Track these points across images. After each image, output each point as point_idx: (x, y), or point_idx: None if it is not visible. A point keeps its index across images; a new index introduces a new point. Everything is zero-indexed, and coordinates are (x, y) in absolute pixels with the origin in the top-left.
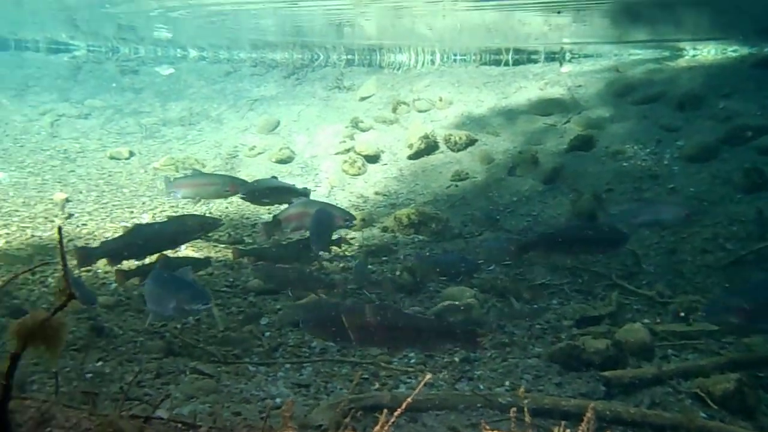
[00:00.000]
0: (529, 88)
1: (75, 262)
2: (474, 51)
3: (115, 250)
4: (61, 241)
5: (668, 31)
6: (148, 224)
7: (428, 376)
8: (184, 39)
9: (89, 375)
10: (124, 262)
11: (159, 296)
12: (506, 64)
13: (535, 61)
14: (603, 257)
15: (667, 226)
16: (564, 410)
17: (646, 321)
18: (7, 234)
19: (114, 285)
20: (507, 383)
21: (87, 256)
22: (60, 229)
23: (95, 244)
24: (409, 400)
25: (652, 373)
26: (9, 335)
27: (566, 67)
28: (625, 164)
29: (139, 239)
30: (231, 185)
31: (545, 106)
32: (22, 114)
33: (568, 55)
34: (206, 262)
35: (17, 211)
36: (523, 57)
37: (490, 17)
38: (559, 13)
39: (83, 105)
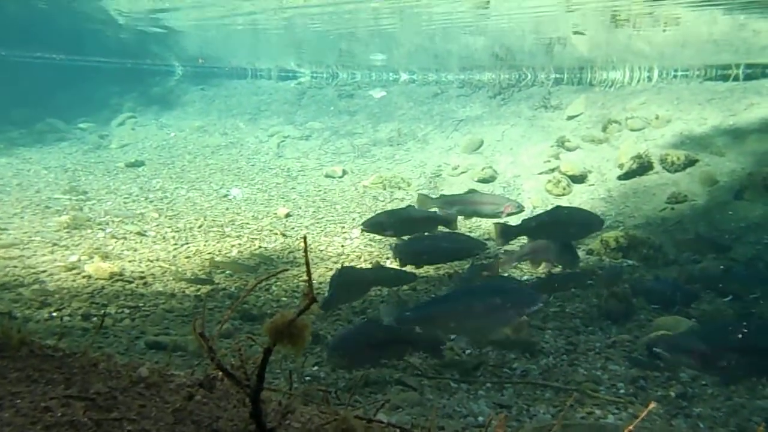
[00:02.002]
0: (762, 104)
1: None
2: (698, 66)
3: (412, 253)
4: (306, 250)
5: None
6: (442, 235)
7: (652, 404)
8: (396, 63)
9: (308, 378)
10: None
11: (489, 307)
12: (736, 79)
13: None
14: None
15: None
16: None
17: None
18: (240, 245)
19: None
20: (732, 424)
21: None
22: (305, 238)
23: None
24: (630, 427)
25: None
26: (262, 332)
27: None
28: None
29: (431, 246)
30: (506, 206)
31: None
32: (255, 136)
33: None
34: (413, 276)
35: (248, 224)
36: (757, 71)
37: (719, 29)
38: None
39: (305, 127)
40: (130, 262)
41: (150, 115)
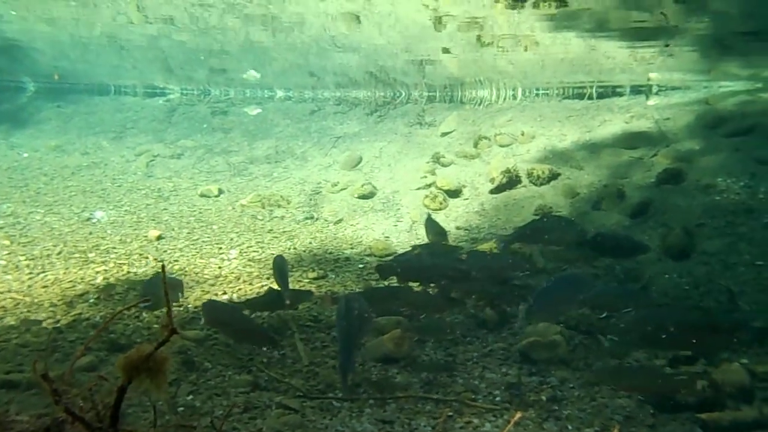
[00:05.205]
0: (614, 121)
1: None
2: (556, 85)
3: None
4: (164, 278)
5: (763, 63)
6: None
7: (518, 414)
8: (271, 80)
9: (181, 408)
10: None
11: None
12: (590, 97)
13: (620, 95)
14: (695, 294)
15: None
16: None
17: (744, 361)
18: (105, 270)
19: (202, 321)
20: (596, 424)
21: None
22: (163, 266)
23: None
24: None
25: (753, 416)
26: (115, 369)
27: (653, 100)
28: (717, 198)
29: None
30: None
31: (631, 139)
32: (120, 155)
33: (654, 88)
34: (309, 293)
35: (115, 248)
36: (608, 90)
37: (573, 51)
38: (667, 45)
39: (176, 145)
40: None
41: None
